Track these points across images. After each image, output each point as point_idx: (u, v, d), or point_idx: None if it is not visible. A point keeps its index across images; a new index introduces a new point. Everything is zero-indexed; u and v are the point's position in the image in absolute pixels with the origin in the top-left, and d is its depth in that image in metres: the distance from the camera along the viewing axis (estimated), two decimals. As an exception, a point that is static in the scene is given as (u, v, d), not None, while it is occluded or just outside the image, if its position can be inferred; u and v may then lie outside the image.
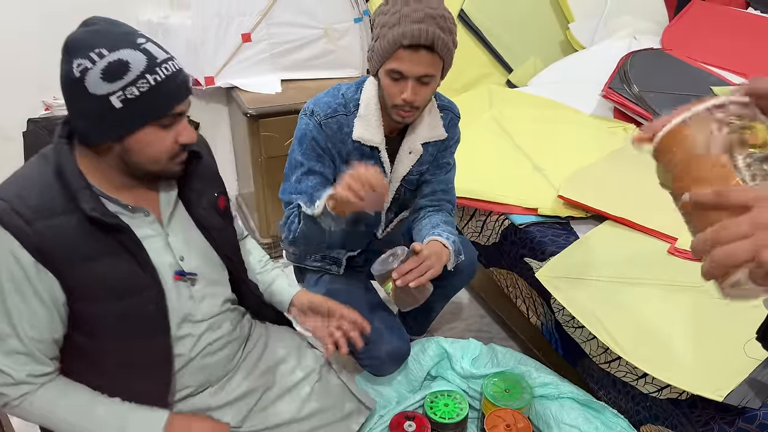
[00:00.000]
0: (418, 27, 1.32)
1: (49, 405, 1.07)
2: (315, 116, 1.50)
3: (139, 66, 0.99)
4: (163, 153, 1.07)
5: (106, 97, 0.98)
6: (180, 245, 1.18)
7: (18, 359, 1.04)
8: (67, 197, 1.02)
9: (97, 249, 1.04)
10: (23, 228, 0.98)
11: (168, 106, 1.03)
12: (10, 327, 1.03)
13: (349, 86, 1.56)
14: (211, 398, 1.28)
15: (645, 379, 1.45)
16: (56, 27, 2.29)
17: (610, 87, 2.43)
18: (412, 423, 1.53)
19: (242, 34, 2.49)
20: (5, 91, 2.32)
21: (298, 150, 1.53)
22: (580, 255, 1.71)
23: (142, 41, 1.01)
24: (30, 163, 1.08)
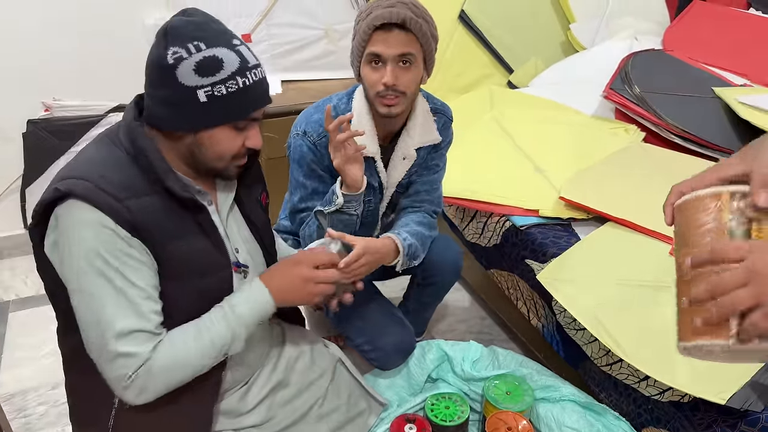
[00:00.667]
0: (389, 9, 1.35)
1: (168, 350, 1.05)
2: (308, 137, 1.50)
3: (232, 66, 1.01)
4: (230, 152, 1.09)
5: (194, 90, 1.00)
6: (234, 237, 1.21)
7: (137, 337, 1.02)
8: (148, 179, 1.04)
9: (180, 227, 1.07)
10: (114, 205, 0.99)
11: (249, 109, 1.06)
12: (127, 300, 1.01)
13: (340, 97, 1.55)
14: (241, 402, 1.29)
15: (647, 381, 1.44)
16: (57, 29, 2.31)
17: (612, 88, 2.42)
18: (413, 425, 1.53)
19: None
20: (5, 92, 2.31)
21: (298, 171, 1.54)
22: (582, 257, 1.70)
23: (237, 43, 1.04)
24: (96, 146, 1.08)
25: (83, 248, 0.98)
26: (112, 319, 1.00)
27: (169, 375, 1.06)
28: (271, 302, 1.15)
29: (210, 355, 1.09)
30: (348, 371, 1.51)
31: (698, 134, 2.24)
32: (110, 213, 0.98)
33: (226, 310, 1.11)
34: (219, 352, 1.10)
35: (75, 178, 0.99)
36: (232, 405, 1.28)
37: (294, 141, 1.54)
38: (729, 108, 2.39)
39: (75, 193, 0.97)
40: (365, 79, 1.44)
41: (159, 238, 1.04)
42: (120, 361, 1.01)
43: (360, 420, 1.49)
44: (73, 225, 0.99)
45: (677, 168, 2.10)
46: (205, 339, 1.08)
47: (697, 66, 2.71)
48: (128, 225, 0.99)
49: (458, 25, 2.76)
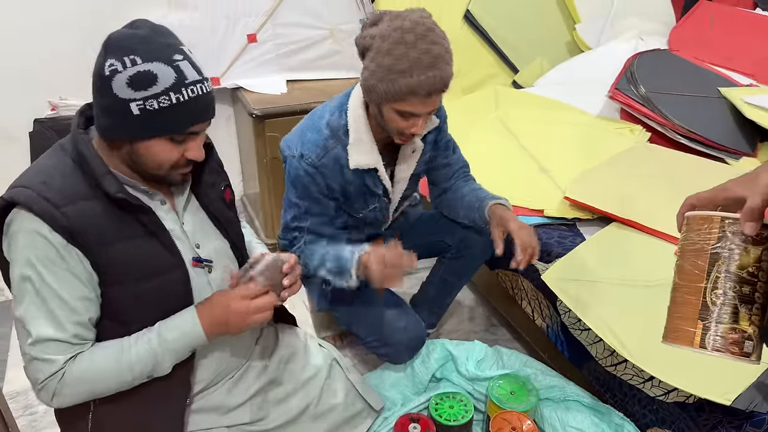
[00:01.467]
0: (432, 75, 1.30)
1: (86, 364, 1.07)
2: (306, 159, 1.47)
3: (165, 82, 1.01)
4: (167, 163, 1.09)
5: (127, 102, 1.01)
6: (194, 233, 1.21)
7: (58, 346, 1.05)
8: (90, 183, 1.06)
9: (122, 231, 1.08)
10: (52, 212, 1.01)
11: (183, 125, 1.06)
12: (47, 310, 1.04)
13: (331, 112, 1.51)
14: (228, 396, 1.30)
15: (652, 382, 1.44)
16: (62, 28, 2.31)
17: (617, 88, 2.42)
18: (417, 425, 1.53)
19: (248, 35, 2.49)
20: (11, 92, 2.32)
21: (292, 192, 1.52)
22: (587, 257, 1.70)
23: (179, 58, 1.03)
24: (47, 155, 1.12)
25: (20, 255, 1.03)
26: (32, 324, 1.04)
27: (82, 387, 1.08)
28: (202, 336, 1.14)
29: (127, 376, 1.10)
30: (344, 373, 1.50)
31: (704, 134, 2.23)
32: (48, 220, 1.01)
33: (153, 339, 1.11)
34: (139, 374, 1.11)
35: (20, 186, 1.03)
36: (218, 401, 1.28)
37: (290, 162, 1.51)
38: (735, 108, 2.38)
39: (17, 201, 1.02)
40: (389, 121, 1.40)
41: (98, 242, 1.05)
42: (35, 365, 1.05)
43: (358, 420, 1.48)
44: (15, 232, 1.03)
45: (683, 168, 2.10)
46: (124, 362, 1.09)
47: (703, 66, 2.70)
48: (65, 232, 1.02)
49: (463, 24, 2.76)
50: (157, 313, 1.13)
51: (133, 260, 1.09)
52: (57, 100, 2.34)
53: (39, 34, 2.27)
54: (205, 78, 1.07)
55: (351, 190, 1.55)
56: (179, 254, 1.15)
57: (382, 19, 1.34)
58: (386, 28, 1.30)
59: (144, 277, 1.10)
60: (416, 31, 1.28)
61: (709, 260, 0.83)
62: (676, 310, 0.89)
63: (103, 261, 1.06)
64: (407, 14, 1.31)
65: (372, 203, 1.62)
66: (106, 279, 1.08)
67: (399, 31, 1.28)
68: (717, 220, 0.83)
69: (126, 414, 1.16)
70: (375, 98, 1.38)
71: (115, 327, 1.12)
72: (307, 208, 1.52)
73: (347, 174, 1.51)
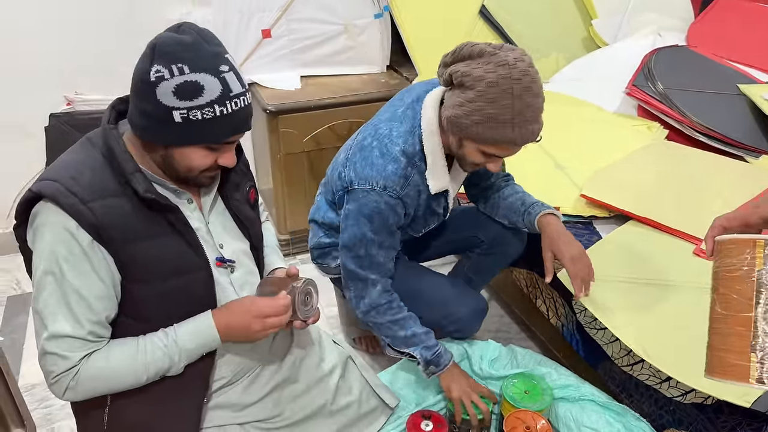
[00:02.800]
0: (532, 129, 1.30)
1: (102, 363, 1.07)
2: (390, 191, 1.44)
3: (212, 94, 1.01)
4: (200, 168, 1.10)
5: (170, 110, 1.00)
6: (219, 233, 1.21)
7: (73, 343, 1.05)
8: (119, 180, 1.05)
9: (149, 229, 1.08)
10: (79, 207, 1.01)
11: (223, 136, 1.07)
12: (66, 307, 1.04)
13: (404, 140, 1.46)
14: (244, 394, 1.29)
15: (669, 382, 1.42)
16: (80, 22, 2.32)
17: (635, 84, 2.39)
18: (429, 422, 1.52)
19: (262, 30, 2.49)
20: (27, 87, 2.34)
21: (367, 226, 1.48)
22: (603, 255, 1.68)
23: (225, 69, 1.03)
24: (76, 148, 1.11)
25: (45, 249, 1.03)
26: (50, 319, 1.04)
27: (96, 384, 1.08)
28: (217, 340, 1.14)
29: (141, 376, 1.10)
30: (358, 370, 1.50)
31: (723, 132, 2.20)
32: (74, 215, 1.01)
33: (169, 340, 1.11)
34: (154, 374, 1.11)
35: (48, 179, 1.03)
36: (234, 398, 1.28)
37: (367, 195, 1.45)
38: (754, 105, 2.35)
39: (44, 194, 1.02)
40: (470, 155, 1.39)
41: (124, 239, 1.05)
42: (49, 359, 1.05)
43: (372, 417, 1.48)
44: (41, 225, 1.03)
45: (701, 166, 2.07)
46: (139, 362, 1.09)
47: (721, 62, 2.66)
48: (91, 228, 1.02)
49: (479, 20, 2.73)
50: (180, 311, 1.13)
51: (159, 259, 1.09)
52: (73, 95, 2.35)
53: (56, 29, 2.28)
54: (247, 90, 1.08)
55: (419, 213, 1.56)
56: (204, 254, 1.15)
57: (482, 56, 1.30)
58: (493, 73, 1.27)
59: (169, 276, 1.10)
60: (523, 82, 1.26)
61: (756, 287, 0.78)
62: (722, 342, 0.83)
63: (128, 259, 1.06)
64: (512, 59, 1.27)
65: (432, 222, 1.64)
66: (131, 276, 1.08)
67: (507, 80, 1.26)
68: (761, 243, 0.78)
69: (142, 409, 1.16)
70: (462, 135, 1.36)
71: (136, 324, 1.12)
72: (381, 242, 1.50)
73: (421, 198, 1.52)
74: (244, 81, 1.07)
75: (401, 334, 1.55)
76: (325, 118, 2.42)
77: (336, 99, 2.44)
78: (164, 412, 1.18)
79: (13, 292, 2.39)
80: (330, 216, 1.71)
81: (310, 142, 2.43)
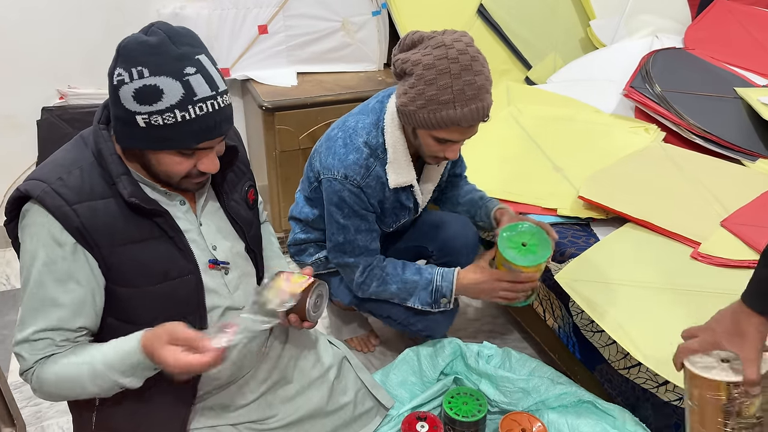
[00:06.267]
0: (476, 107, 1.30)
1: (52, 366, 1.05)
2: (350, 181, 1.46)
3: (172, 99, 0.97)
4: (178, 174, 1.07)
5: (133, 114, 0.98)
6: (212, 235, 1.19)
7: (32, 346, 1.04)
8: (108, 182, 1.04)
9: (137, 232, 1.06)
10: (65, 209, 1.00)
11: (191, 142, 1.02)
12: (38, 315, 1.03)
13: (368, 131, 1.48)
14: (237, 395, 1.28)
15: (666, 386, 1.42)
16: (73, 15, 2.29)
17: (632, 86, 2.39)
18: (425, 423, 1.52)
19: (259, 26, 2.46)
20: (20, 79, 2.31)
21: (338, 214, 1.51)
22: (601, 258, 1.67)
23: (191, 71, 0.98)
24: (68, 147, 1.10)
25: (27, 251, 1.02)
26: (24, 321, 1.04)
27: (55, 389, 1.07)
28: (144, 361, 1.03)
29: (92, 388, 1.05)
30: (354, 371, 1.49)
31: (719, 135, 2.20)
32: (59, 217, 1.00)
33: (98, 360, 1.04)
34: (107, 389, 1.05)
35: (37, 179, 1.02)
36: (227, 399, 1.27)
37: (331, 185, 1.48)
38: (751, 109, 2.35)
39: (32, 194, 1.00)
40: (426, 145, 1.41)
41: (111, 243, 1.03)
42: (19, 358, 1.06)
43: (367, 418, 1.47)
44: (28, 225, 1.02)
45: (698, 169, 2.06)
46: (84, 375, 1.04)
47: (718, 65, 2.66)
48: (75, 231, 1.00)
49: (476, 19, 2.72)
50: (168, 314, 1.10)
51: (148, 263, 1.07)
52: (66, 88, 2.32)
53: (49, 21, 2.25)
54: (221, 91, 1.02)
55: (387, 206, 1.56)
56: (193, 259, 1.13)
57: (422, 42, 1.31)
58: (429, 55, 1.27)
59: (157, 281, 1.09)
60: (461, 61, 1.26)
61: (724, 415, 1.00)
62: None
63: (116, 262, 1.04)
64: (450, 40, 1.28)
65: (402, 217, 1.64)
66: (118, 280, 1.06)
67: (444, 60, 1.26)
68: (723, 386, 0.99)
69: (130, 411, 1.15)
70: (412, 123, 1.37)
71: (123, 326, 1.10)
72: (356, 227, 1.52)
73: (387, 191, 1.52)
74: (218, 83, 1.02)
75: (394, 289, 1.57)
76: (322, 116, 2.40)
77: (332, 96, 2.42)
78: (152, 415, 1.17)
79: (2, 287, 2.37)
80: (305, 211, 1.72)
81: (306, 140, 2.41)
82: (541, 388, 1.58)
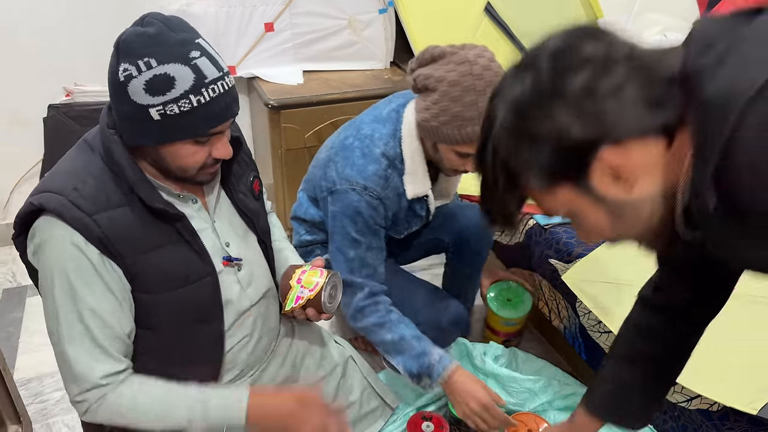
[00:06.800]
0: None
1: (128, 401, 1.04)
2: (370, 192, 1.43)
3: (185, 84, 0.95)
4: (194, 165, 1.05)
5: (146, 108, 0.96)
6: (225, 231, 1.18)
7: (92, 357, 1.01)
8: (124, 189, 1.01)
9: (156, 239, 1.04)
10: (86, 221, 0.97)
11: (207, 127, 1.01)
12: (83, 326, 1.00)
13: (385, 142, 1.46)
14: None
15: (673, 388, 1.41)
16: (80, 13, 2.29)
17: (640, 85, 2.37)
18: (430, 423, 1.51)
19: (265, 24, 2.46)
20: (26, 77, 2.31)
21: (351, 227, 1.46)
22: (609, 258, 1.66)
23: (196, 55, 0.97)
24: (74, 154, 1.07)
25: (53, 265, 0.99)
26: (74, 355, 1.00)
27: (117, 418, 1.05)
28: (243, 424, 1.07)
29: (157, 423, 1.05)
30: (359, 370, 1.49)
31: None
32: (81, 229, 0.97)
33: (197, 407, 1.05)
34: (171, 426, 1.06)
35: (49, 191, 0.99)
36: None
37: (348, 196, 1.44)
38: (761, 108, 2.33)
39: (47, 208, 0.97)
40: (447, 160, 1.40)
41: (131, 251, 1.02)
42: (79, 384, 1.02)
43: (372, 418, 1.47)
44: (46, 240, 0.99)
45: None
46: (165, 416, 1.05)
47: (727, 64, 2.64)
48: (98, 242, 0.98)
49: (484, 17, 2.71)
50: (187, 319, 1.10)
51: (167, 269, 1.06)
52: (72, 86, 2.32)
53: (56, 19, 2.25)
54: (226, 72, 1.01)
55: (401, 216, 1.55)
56: (210, 260, 1.12)
57: (443, 57, 1.30)
58: (453, 72, 1.27)
59: (177, 286, 1.07)
60: (485, 77, 1.27)
61: None
62: None
63: (138, 271, 1.03)
64: (473, 56, 1.28)
65: (414, 224, 1.63)
66: (140, 288, 1.05)
67: (469, 77, 1.26)
68: None
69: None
70: (435, 138, 1.36)
71: (142, 332, 1.08)
72: (368, 243, 1.48)
73: (403, 202, 1.51)
74: (222, 64, 1.01)
75: (388, 338, 1.47)
76: (328, 114, 2.39)
77: (338, 95, 2.42)
78: None
79: (8, 284, 2.37)
80: (311, 212, 1.70)
81: (311, 138, 2.40)
82: (547, 389, 1.58)
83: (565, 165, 0.66)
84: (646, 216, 0.68)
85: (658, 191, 0.66)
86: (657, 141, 0.64)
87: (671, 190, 0.65)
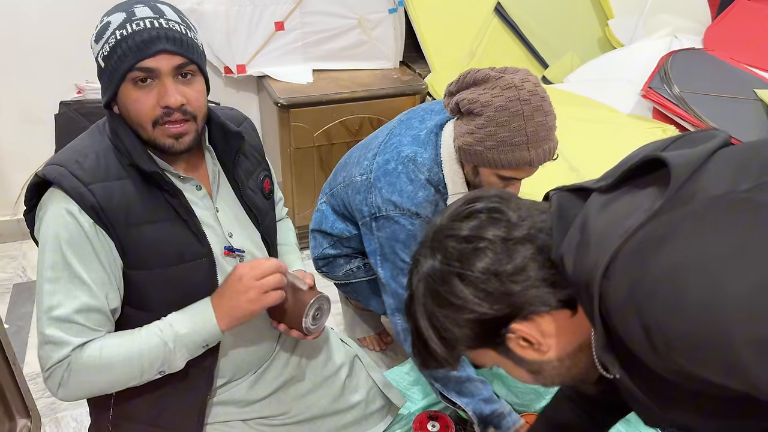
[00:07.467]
0: (548, 147, 1.31)
1: (95, 359, 1.02)
2: (422, 218, 1.43)
3: (115, 24, 1.00)
4: (144, 116, 1.02)
5: (96, 59, 1.03)
6: (229, 222, 1.18)
7: (71, 327, 1.01)
8: (124, 163, 1.05)
9: (152, 213, 1.06)
10: (81, 190, 1.00)
11: (132, 59, 0.99)
12: (70, 294, 1.01)
13: (429, 168, 1.44)
14: (249, 391, 1.28)
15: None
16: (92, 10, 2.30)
17: (650, 87, 2.36)
18: (436, 423, 1.51)
19: (275, 23, 2.47)
20: (38, 74, 2.33)
21: (404, 253, 1.45)
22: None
23: (140, 5, 1.01)
24: (84, 135, 1.11)
25: (50, 232, 1.01)
26: (53, 303, 1.01)
27: (90, 377, 1.03)
28: (217, 330, 1.08)
29: (136, 370, 1.04)
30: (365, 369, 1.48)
31: (738, 136, 2.17)
32: (76, 198, 1.00)
33: (165, 329, 1.06)
34: (149, 367, 1.05)
35: (54, 164, 1.03)
36: (239, 395, 1.27)
37: (400, 221, 1.44)
38: (772, 111, 2.32)
39: (48, 177, 1.01)
40: (488, 183, 1.39)
41: (126, 222, 1.03)
42: (46, 348, 1.01)
43: (378, 417, 1.46)
44: (47, 210, 1.02)
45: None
46: (134, 353, 1.03)
47: (738, 67, 2.63)
48: (92, 210, 1.00)
49: (494, 17, 2.71)
50: (181, 300, 1.10)
51: (161, 244, 1.06)
52: (83, 83, 2.34)
53: (67, 16, 2.27)
54: (166, 17, 1.01)
55: None
56: (207, 242, 1.12)
57: (487, 81, 1.29)
58: (500, 96, 1.27)
59: (170, 263, 1.08)
60: (532, 102, 1.26)
61: None
62: None
63: (130, 243, 1.04)
64: (519, 81, 1.27)
65: None
66: (132, 263, 1.06)
67: (516, 102, 1.26)
68: None
69: (147, 405, 1.15)
70: (478, 162, 1.36)
71: (137, 313, 1.09)
72: None
73: None
74: (168, 14, 1.02)
75: (454, 375, 1.45)
76: (337, 113, 2.40)
77: (348, 94, 2.42)
78: (168, 409, 1.16)
79: (19, 279, 2.39)
80: (339, 226, 1.68)
81: (320, 137, 2.41)
82: (552, 390, 1.57)
83: (483, 338, 0.75)
84: (565, 369, 0.77)
85: (574, 348, 0.74)
86: (562, 311, 0.72)
87: (587, 342, 0.74)
